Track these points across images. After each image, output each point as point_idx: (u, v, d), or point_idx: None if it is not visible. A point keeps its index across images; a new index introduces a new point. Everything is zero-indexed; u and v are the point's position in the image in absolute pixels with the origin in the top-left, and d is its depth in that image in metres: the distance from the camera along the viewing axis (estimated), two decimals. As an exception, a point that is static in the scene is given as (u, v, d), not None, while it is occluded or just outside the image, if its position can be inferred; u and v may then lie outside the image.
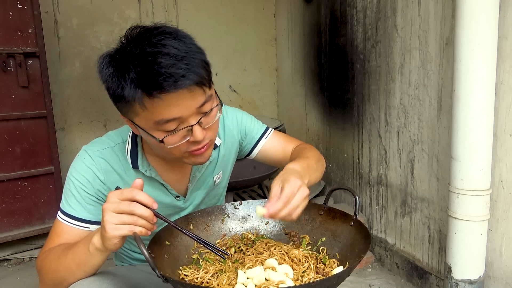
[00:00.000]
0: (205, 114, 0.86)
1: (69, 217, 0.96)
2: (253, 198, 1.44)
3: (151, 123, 0.84)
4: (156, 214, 0.81)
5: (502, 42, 1.49)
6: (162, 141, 0.84)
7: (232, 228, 1.06)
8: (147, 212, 0.79)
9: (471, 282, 1.59)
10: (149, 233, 0.80)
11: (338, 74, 2.56)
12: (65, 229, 0.96)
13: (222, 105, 0.92)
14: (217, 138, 1.10)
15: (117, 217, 0.77)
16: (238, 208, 1.08)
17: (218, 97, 0.92)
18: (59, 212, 0.98)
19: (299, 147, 1.17)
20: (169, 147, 0.86)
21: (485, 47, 1.43)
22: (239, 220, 1.07)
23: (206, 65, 0.85)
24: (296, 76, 3.12)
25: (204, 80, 0.83)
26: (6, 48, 2.21)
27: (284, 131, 2.63)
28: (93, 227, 0.97)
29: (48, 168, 2.43)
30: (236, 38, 3.23)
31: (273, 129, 1.24)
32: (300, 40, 3.01)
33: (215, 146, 1.10)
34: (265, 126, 1.23)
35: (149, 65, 0.78)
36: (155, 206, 0.79)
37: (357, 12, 2.31)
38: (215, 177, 1.16)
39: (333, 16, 2.56)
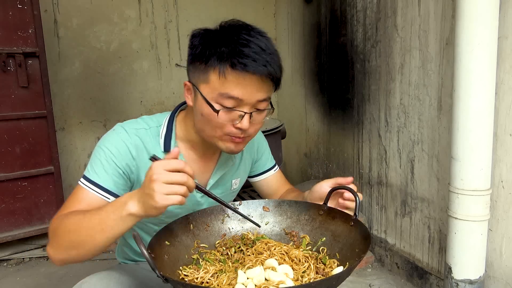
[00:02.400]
0: (259, 110, 0.96)
1: (93, 185, 0.97)
2: (253, 198, 1.44)
3: (216, 93, 0.92)
4: (197, 186, 0.87)
5: (502, 42, 1.49)
6: (217, 112, 0.92)
7: (232, 228, 1.06)
8: (193, 184, 0.83)
9: (471, 282, 1.59)
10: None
11: (338, 74, 2.56)
12: (88, 195, 0.97)
13: (272, 111, 1.02)
14: None
15: (168, 187, 0.78)
16: (238, 208, 1.08)
17: (273, 108, 1.01)
18: (81, 179, 0.99)
19: (293, 188, 1.32)
20: (219, 121, 0.94)
21: (485, 47, 1.43)
22: (239, 220, 1.07)
23: (281, 69, 0.97)
24: (296, 76, 3.12)
25: (276, 78, 0.94)
26: (6, 48, 2.21)
27: (284, 131, 2.63)
28: (112, 199, 0.98)
29: (48, 168, 2.43)
30: (236, 38, 3.23)
31: (278, 167, 1.37)
32: (300, 40, 3.01)
33: None
34: (274, 162, 1.36)
35: (242, 46, 0.89)
36: (195, 177, 0.84)
37: (357, 12, 2.31)
38: (233, 182, 1.21)
39: (333, 16, 2.56)
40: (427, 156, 1.92)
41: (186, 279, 0.86)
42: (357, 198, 0.97)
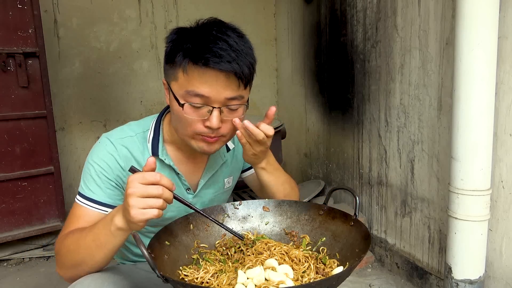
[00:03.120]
0: (230, 108, 0.93)
1: (89, 200, 0.99)
2: (253, 198, 1.44)
3: (183, 91, 0.91)
4: (175, 197, 0.84)
5: (502, 42, 1.49)
6: (182, 105, 0.91)
7: (232, 228, 1.06)
8: (171, 195, 0.81)
9: (471, 282, 1.59)
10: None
11: (338, 74, 2.56)
12: (85, 212, 0.98)
13: (247, 108, 0.99)
14: (231, 142, 1.18)
15: (143, 201, 0.78)
16: (238, 208, 1.08)
17: (247, 104, 0.99)
18: (78, 197, 1.00)
19: None
20: (186, 115, 0.92)
21: (485, 47, 1.43)
22: (239, 220, 1.07)
23: (251, 68, 0.93)
24: (296, 76, 3.12)
25: (243, 76, 0.90)
26: (6, 48, 2.21)
27: (284, 131, 2.63)
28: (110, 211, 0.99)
29: (48, 168, 2.43)
30: (236, 38, 3.23)
31: None
32: (300, 40, 3.01)
33: (228, 149, 1.18)
34: None
35: (206, 42, 0.88)
36: (174, 188, 0.83)
37: (357, 12, 2.31)
38: (225, 180, 1.21)
39: (333, 16, 2.56)
40: (427, 156, 1.92)
41: (186, 279, 0.86)
42: (357, 198, 0.98)
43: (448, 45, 1.73)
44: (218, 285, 0.83)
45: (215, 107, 0.91)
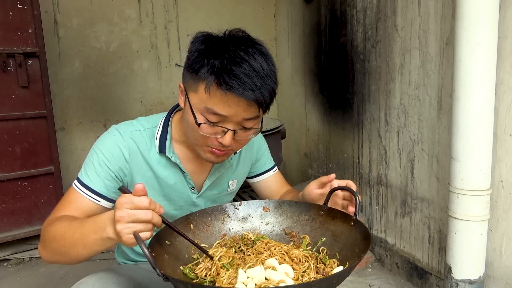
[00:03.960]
0: (245, 128, 0.94)
1: (85, 187, 0.99)
2: (253, 198, 1.44)
3: (202, 106, 0.91)
4: (164, 221, 0.84)
5: (502, 42, 1.49)
6: (199, 125, 0.92)
7: (232, 228, 1.06)
8: (159, 220, 0.80)
9: (471, 282, 1.59)
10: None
11: (338, 74, 2.56)
12: (78, 198, 0.99)
13: (260, 131, 1.00)
14: None
15: (132, 227, 0.77)
16: (238, 208, 1.08)
17: (262, 125, 1.00)
18: (75, 181, 1.01)
19: (291, 189, 1.31)
20: (200, 133, 0.93)
21: (485, 47, 1.43)
22: (239, 220, 1.07)
23: (273, 94, 0.94)
24: (296, 76, 3.12)
25: (264, 104, 0.92)
26: (6, 48, 2.21)
27: (284, 131, 2.63)
28: (104, 202, 1.00)
29: (48, 168, 2.43)
30: (236, 38, 3.23)
31: (277, 169, 1.36)
32: (300, 40, 3.02)
33: (235, 152, 1.18)
34: (273, 163, 1.34)
35: (234, 64, 0.87)
36: (162, 211, 0.81)
37: (357, 12, 2.31)
38: (230, 183, 1.21)
39: (333, 16, 2.56)
40: (427, 156, 1.92)
41: (194, 274, 0.87)
42: (357, 198, 0.97)
43: (448, 45, 1.74)
44: (219, 284, 0.84)
45: (229, 129, 0.92)
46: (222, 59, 0.88)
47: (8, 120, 2.28)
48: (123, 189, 0.82)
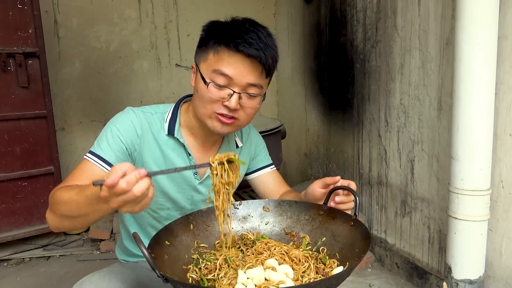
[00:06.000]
0: (249, 94, 1.02)
1: (97, 157, 1.02)
2: (253, 198, 1.44)
3: (211, 69, 1.00)
4: (149, 174, 0.77)
5: (502, 42, 1.49)
6: (207, 84, 1.00)
7: (232, 228, 1.06)
8: (146, 185, 0.74)
9: (471, 282, 1.59)
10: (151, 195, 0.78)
11: (338, 74, 2.56)
12: (90, 166, 1.01)
13: (263, 99, 1.08)
14: (239, 140, 1.24)
15: (130, 209, 0.76)
16: (238, 208, 1.08)
17: (265, 96, 1.08)
18: (87, 153, 1.04)
19: (290, 190, 1.32)
20: (210, 95, 1.00)
21: (485, 47, 1.43)
22: (239, 220, 1.07)
23: (274, 60, 1.04)
24: (296, 76, 3.12)
25: (266, 65, 1.00)
26: (6, 48, 2.21)
27: (284, 131, 2.62)
28: None
29: (48, 168, 2.43)
30: (236, 38, 3.23)
31: (275, 168, 1.38)
32: (300, 40, 3.01)
33: (237, 146, 1.23)
34: (271, 161, 1.37)
35: (239, 31, 0.99)
36: (143, 171, 0.74)
37: (357, 12, 2.31)
38: None
39: (333, 16, 2.56)
40: (427, 156, 1.92)
41: (194, 275, 0.87)
42: (357, 198, 0.98)
43: (448, 45, 1.74)
44: (218, 285, 0.84)
45: (235, 92, 0.99)
46: (229, 29, 1.00)
47: (8, 120, 2.28)
48: (95, 184, 0.76)
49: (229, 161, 0.91)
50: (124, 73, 2.91)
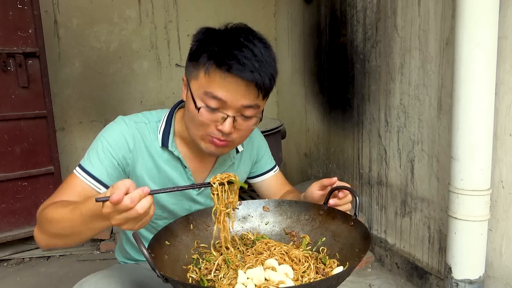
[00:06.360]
0: (245, 116, 0.94)
1: (86, 173, 0.98)
2: (253, 198, 1.44)
3: (202, 91, 0.92)
4: (152, 192, 0.78)
5: (502, 42, 1.49)
6: (198, 109, 0.92)
7: (232, 228, 1.06)
8: (148, 203, 0.75)
9: (471, 282, 1.59)
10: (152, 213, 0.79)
11: (338, 74, 2.56)
12: (78, 183, 0.97)
13: (260, 120, 1.00)
14: (240, 145, 1.18)
15: (131, 227, 0.77)
16: (238, 208, 1.08)
17: (262, 115, 1.00)
18: (76, 168, 1.00)
19: (292, 189, 1.31)
20: (201, 119, 0.93)
21: (485, 47, 1.43)
22: (239, 220, 1.07)
23: (272, 79, 0.93)
24: (296, 76, 3.12)
25: (263, 87, 0.91)
26: (6, 48, 2.21)
27: (284, 131, 2.63)
28: (104, 190, 0.98)
29: (48, 168, 2.43)
30: (236, 38, 3.23)
31: (278, 168, 1.36)
32: (300, 40, 3.01)
33: (237, 151, 1.18)
34: (274, 163, 1.34)
35: (232, 47, 0.88)
36: (146, 189, 0.76)
37: (357, 12, 2.31)
38: None
39: (333, 16, 2.56)
40: (427, 156, 1.92)
41: (194, 274, 0.87)
42: (357, 198, 0.97)
43: (448, 45, 1.74)
44: (218, 285, 0.84)
45: (229, 115, 0.92)
46: (222, 44, 0.89)
47: (8, 120, 2.28)
48: (98, 200, 0.75)
49: (229, 182, 0.91)
50: (124, 73, 2.91)
